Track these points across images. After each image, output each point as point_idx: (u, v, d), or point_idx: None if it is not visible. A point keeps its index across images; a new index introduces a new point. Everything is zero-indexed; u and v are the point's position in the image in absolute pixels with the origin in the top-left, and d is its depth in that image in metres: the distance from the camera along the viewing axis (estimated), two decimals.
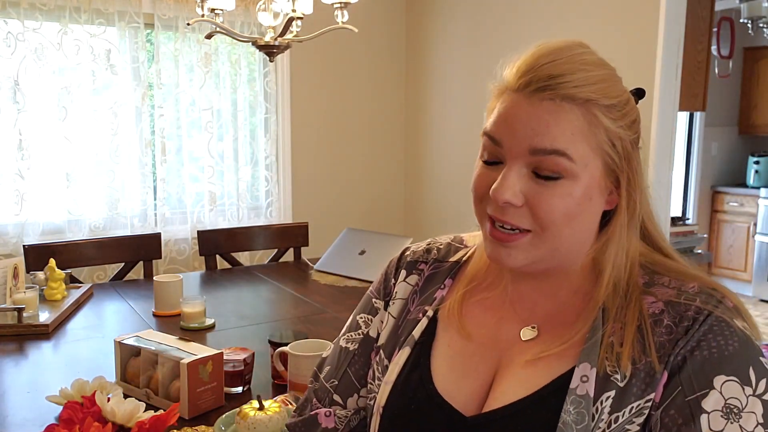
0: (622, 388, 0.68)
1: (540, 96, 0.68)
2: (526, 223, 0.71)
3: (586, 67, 0.70)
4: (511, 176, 0.70)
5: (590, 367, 0.69)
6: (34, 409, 1.35)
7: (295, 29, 2.21)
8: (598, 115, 0.69)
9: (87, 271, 3.04)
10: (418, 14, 3.97)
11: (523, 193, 0.70)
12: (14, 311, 1.83)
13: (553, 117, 0.68)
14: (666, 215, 2.74)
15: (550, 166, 0.68)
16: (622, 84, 0.74)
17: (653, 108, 2.62)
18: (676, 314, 0.69)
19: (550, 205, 0.69)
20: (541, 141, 0.68)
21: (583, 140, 0.69)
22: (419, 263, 0.90)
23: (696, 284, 0.72)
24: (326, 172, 3.90)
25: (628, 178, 0.72)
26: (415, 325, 0.83)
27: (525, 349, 0.76)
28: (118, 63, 3.21)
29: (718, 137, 5.57)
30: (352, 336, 0.91)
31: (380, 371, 0.83)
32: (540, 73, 0.69)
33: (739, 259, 5.33)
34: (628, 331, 0.70)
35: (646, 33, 2.63)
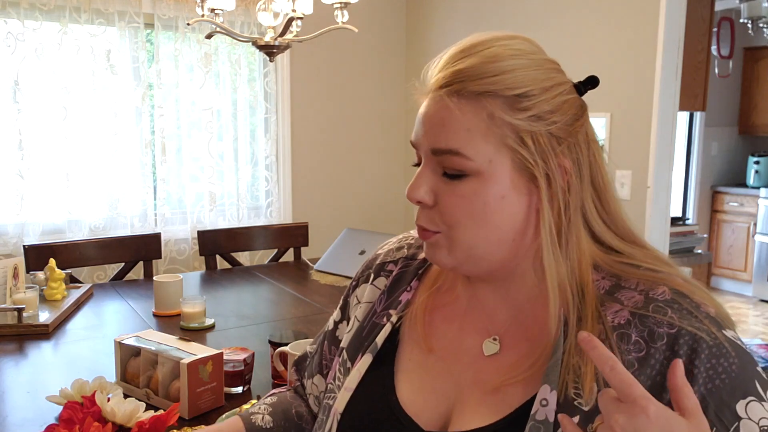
0: (587, 413, 0.63)
1: (440, 94, 0.67)
2: (434, 225, 0.70)
3: (491, 59, 0.66)
4: (422, 176, 0.70)
5: (550, 389, 0.65)
6: (34, 409, 1.35)
7: (295, 29, 2.21)
8: (497, 109, 0.65)
9: (87, 271, 3.04)
10: (418, 14, 3.97)
11: (434, 191, 0.69)
12: (14, 311, 1.83)
13: (449, 114, 0.66)
14: (666, 215, 2.74)
15: (451, 164, 0.67)
16: (547, 73, 0.68)
17: (653, 108, 2.62)
18: (644, 328, 0.65)
19: (454, 203, 0.68)
20: (437, 141, 0.67)
21: (482, 137, 0.66)
22: (388, 264, 0.87)
23: (665, 289, 0.67)
24: (326, 172, 3.90)
25: (548, 176, 0.67)
26: (379, 331, 0.80)
27: (488, 367, 0.73)
28: (118, 63, 3.21)
29: (718, 137, 5.57)
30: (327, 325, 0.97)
31: (341, 373, 0.81)
32: (446, 71, 0.67)
33: (739, 259, 5.33)
34: None
35: (646, 33, 2.63)
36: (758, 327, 4.69)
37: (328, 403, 0.81)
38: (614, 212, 0.72)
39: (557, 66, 0.71)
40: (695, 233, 4.05)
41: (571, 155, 0.68)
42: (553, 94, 0.67)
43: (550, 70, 0.68)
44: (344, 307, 0.92)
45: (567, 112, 0.68)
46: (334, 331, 0.92)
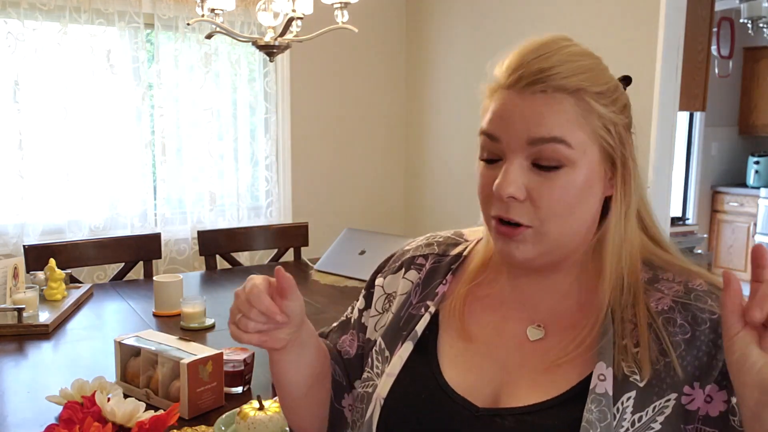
0: (642, 389, 0.68)
1: (532, 89, 0.70)
2: (527, 219, 0.71)
3: (573, 58, 0.71)
4: (513, 170, 0.70)
5: (606, 366, 0.69)
6: (34, 409, 1.35)
7: (295, 29, 2.21)
8: (590, 102, 0.70)
9: (87, 271, 3.04)
10: (418, 14, 3.97)
11: (526, 186, 0.70)
12: (14, 311, 1.83)
13: (547, 107, 0.69)
14: (666, 215, 2.74)
15: (549, 154, 0.69)
16: (609, 72, 0.75)
17: (653, 108, 2.62)
18: (688, 313, 0.70)
19: (552, 195, 0.70)
20: (538, 130, 0.69)
21: (579, 127, 0.70)
22: (417, 258, 0.89)
23: (702, 281, 0.73)
24: (326, 172, 3.90)
25: (623, 163, 0.74)
26: (418, 320, 0.81)
27: (535, 350, 0.75)
28: (118, 63, 3.21)
29: (718, 137, 5.57)
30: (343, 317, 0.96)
31: (380, 361, 0.82)
32: (529, 68, 0.70)
33: (739, 259, 5.34)
34: (642, 331, 0.70)
35: (646, 33, 2.63)
36: None
37: (367, 391, 0.81)
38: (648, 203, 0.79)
39: None
40: (695, 233, 4.06)
41: (631, 147, 0.76)
42: (621, 91, 0.75)
43: (608, 71, 0.75)
44: (368, 297, 0.92)
45: (629, 107, 0.76)
46: (360, 318, 0.91)
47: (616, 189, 0.73)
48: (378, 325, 0.88)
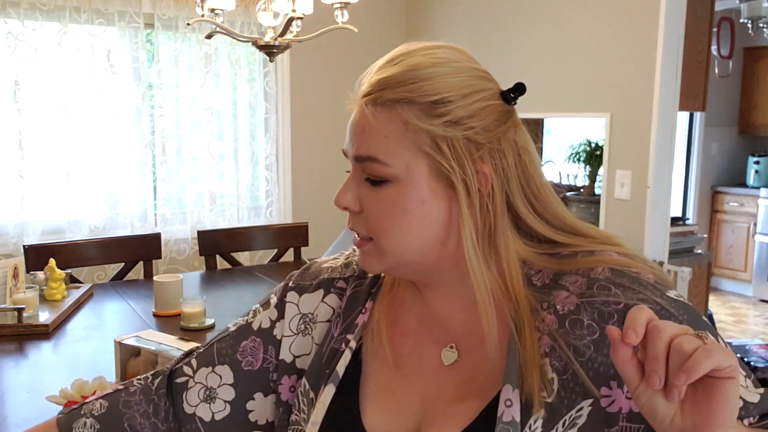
0: (551, 404, 0.65)
1: (364, 103, 0.70)
2: (364, 229, 0.72)
3: (411, 68, 0.68)
4: (350, 183, 0.72)
5: (512, 389, 0.66)
6: (34, 409, 1.35)
7: (295, 29, 2.21)
8: (411, 116, 0.67)
9: (87, 271, 3.04)
10: (418, 14, 3.97)
11: (359, 198, 0.72)
12: (14, 311, 1.83)
13: (368, 122, 0.69)
14: (666, 215, 2.74)
15: (371, 171, 0.69)
16: (471, 79, 0.69)
17: (653, 108, 2.62)
18: (594, 311, 0.66)
19: (377, 209, 0.70)
20: (358, 149, 0.70)
21: (398, 143, 0.68)
22: (337, 281, 0.84)
23: (603, 267, 0.68)
24: (326, 172, 3.90)
25: (465, 182, 0.67)
26: (339, 358, 0.77)
27: (449, 376, 0.73)
28: (118, 63, 3.21)
29: (718, 137, 5.57)
30: (239, 320, 0.87)
31: (305, 404, 0.78)
32: (371, 80, 0.70)
33: (739, 259, 5.34)
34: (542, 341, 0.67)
35: (646, 33, 2.63)
36: (758, 327, 4.69)
37: None
38: (555, 212, 0.73)
39: (484, 74, 0.72)
40: (695, 233, 4.05)
41: (492, 161, 0.69)
42: (471, 100, 0.68)
43: (472, 77, 0.69)
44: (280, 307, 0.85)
45: (486, 117, 0.68)
46: (272, 329, 0.84)
47: (460, 209, 0.68)
48: (294, 348, 0.82)
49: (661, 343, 0.53)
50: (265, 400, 0.82)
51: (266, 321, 0.84)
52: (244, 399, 0.82)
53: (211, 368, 0.83)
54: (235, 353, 0.83)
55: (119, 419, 0.82)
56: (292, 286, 0.86)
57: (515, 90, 0.72)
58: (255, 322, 0.85)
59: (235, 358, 0.83)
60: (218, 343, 0.85)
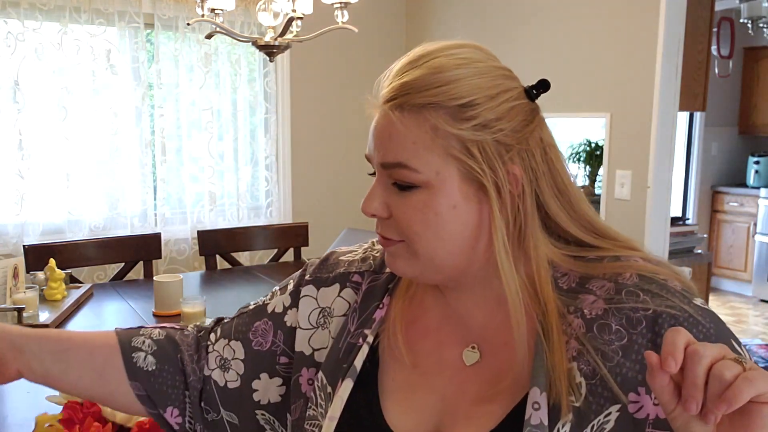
0: (579, 408, 0.64)
1: (389, 108, 0.68)
2: (393, 234, 0.71)
3: (435, 70, 0.67)
4: (376, 189, 0.71)
5: (540, 392, 0.65)
6: (34, 409, 1.35)
7: (295, 29, 2.21)
8: (440, 121, 0.66)
9: (87, 271, 3.04)
10: (418, 14, 3.97)
11: (388, 203, 0.70)
12: (14, 311, 1.83)
13: (395, 128, 0.67)
14: (666, 215, 2.74)
15: (400, 177, 0.68)
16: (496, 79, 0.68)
17: (653, 108, 2.62)
18: (622, 316, 0.66)
19: (407, 215, 0.69)
20: (385, 155, 0.68)
21: (427, 149, 0.66)
22: (353, 275, 0.84)
23: (631, 272, 0.68)
24: (326, 172, 3.90)
25: (497, 184, 0.67)
26: (357, 352, 0.77)
27: (471, 377, 0.72)
28: (118, 63, 3.21)
29: (718, 137, 5.57)
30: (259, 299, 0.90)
31: (323, 399, 0.77)
32: (393, 84, 0.68)
33: (739, 259, 5.34)
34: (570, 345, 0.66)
35: (646, 33, 2.63)
36: (758, 327, 4.69)
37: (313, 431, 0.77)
38: (581, 210, 0.73)
39: (507, 72, 0.71)
40: (695, 233, 4.05)
41: (522, 161, 0.68)
42: (499, 101, 0.67)
43: (496, 77, 0.68)
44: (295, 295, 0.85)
45: (514, 118, 0.68)
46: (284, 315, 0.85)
47: (492, 212, 0.68)
48: (314, 341, 0.82)
49: (701, 368, 0.51)
50: (269, 382, 0.83)
51: (279, 306, 0.86)
52: (251, 376, 0.84)
53: (227, 341, 0.85)
54: (248, 332, 0.85)
55: (174, 350, 0.84)
56: (309, 279, 0.86)
57: (539, 87, 0.71)
58: (270, 304, 0.87)
59: (247, 336, 0.85)
60: (238, 318, 0.88)
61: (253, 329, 0.85)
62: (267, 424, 0.84)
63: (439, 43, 0.70)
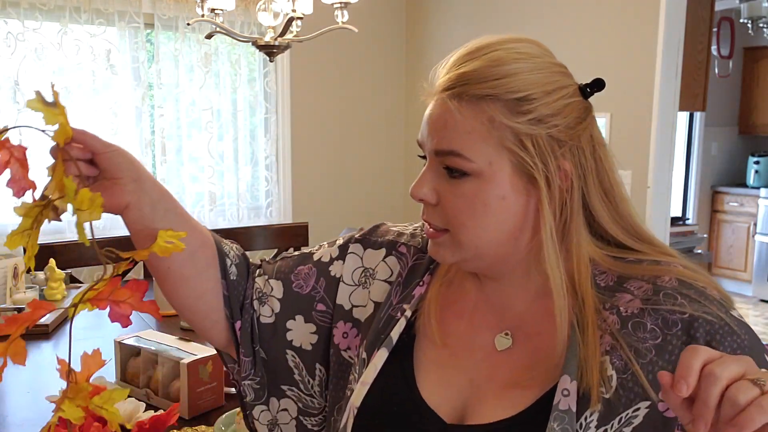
0: (609, 400, 0.66)
1: (443, 96, 0.69)
2: (439, 221, 0.72)
3: (494, 62, 0.68)
4: (426, 175, 0.72)
5: (570, 380, 0.67)
6: (34, 409, 1.35)
7: (295, 29, 2.21)
8: (497, 113, 0.67)
9: (87, 271, 3.04)
10: (418, 14, 3.97)
11: (437, 190, 0.71)
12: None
13: (452, 117, 0.68)
14: (666, 215, 2.74)
15: (452, 165, 0.69)
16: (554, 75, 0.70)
17: (653, 108, 2.62)
18: (658, 317, 0.67)
19: (455, 203, 0.70)
20: (440, 142, 0.69)
21: (482, 139, 0.67)
22: (400, 245, 0.86)
23: (670, 277, 0.69)
24: (326, 172, 3.90)
25: (547, 178, 0.68)
26: (394, 325, 0.79)
27: (502, 361, 0.74)
28: (118, 63, 3.21)
29: (718, 137, 5.57)
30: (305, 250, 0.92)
31: (359, 365, 0.80)
32: (451, 74, 0.70)
33: (739, 259, 5.33)
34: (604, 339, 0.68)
35: (646, 33, 2.63)
36: (758, 327, 4.68)
37: (346, 394, 0.80)
38: (624, 211, 0.74)
39: (563, 69, 0.72)
40: (695, 233, 4.06)
41: (572, 158, 0.70)
42: (555, 97, 0.68)
43: (553, 74, 0.70)
44: (343, 250, 0.88)
45: (569, 115, 0.69)
46: (329, 264, 0.87)
47: (542, 205, 0.69)
48: (353, 298, 0.84)
49: (715, 390, 0.50)
50: (304, 326, 0.85)
51: (326, 256, 0.88)
52: (286, 316, 0.85)
53: (267, 278, 0.87)
54: (290, 273, 0.87)
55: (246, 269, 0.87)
56: (358, 238, 0.89)
57: (593, 86, 0.73)
58: (317, 254, 0.89)
59: (289, 277, 0.86)
60: (281, 260, 0.90)
61: (296, 272, 0.87)
62: (296, 369, 0.85)
63: (497, 36, 0.71)
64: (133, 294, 0.47)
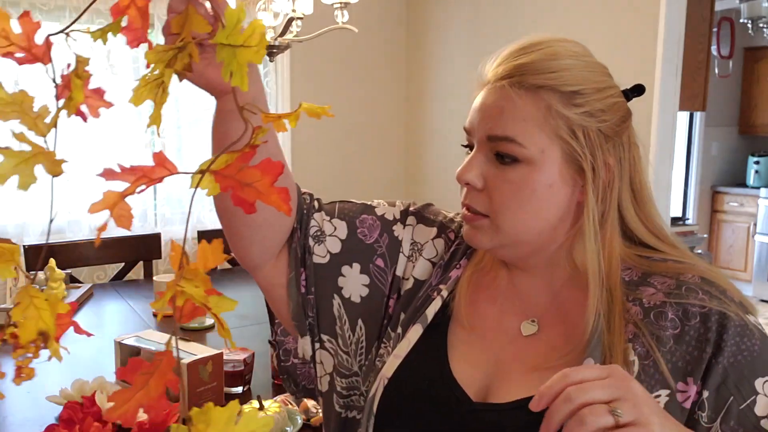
0: None
1: (501, 84, 0.72)
2: (482, 207, 0.73)
3: (551, 57, 0.71)
4: (474, 160, 0.74)
5: (594, 362, 0.70)
6: (34, 409, 1.35)
7: (295, 29, 2.21)
8: (554, 102, 0.70)
9: (87, 271, 3.04)
10: (418, 14, 3.97)
11: (484, 176, 0.73)
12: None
13: (509, 104, 0.71)
14: (666, 215, 2.74)
15: (504, 150, 0.71)
16: (602, 75, 0.74)
17: (653, 108, 2.62)
18: (679, 308, 0.70)
19: (504, 188, 0.72)
20: (494, 128, 0.71)
21: (537, 126, 0.70)
22: (449, 230, 0.87)
23: (693, 274, 0.72)
24: (326, 172, 3.90)
25: (594, 169, 0.71)
26: (430, 303, 0.82)
27: (527, 346, 0.76)
28: (118, 63, 3.21)
29: (718, 137, 5.57)
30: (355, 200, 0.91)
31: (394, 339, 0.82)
32: (508, 64, 0.72)
33: (739, 259, 5.33)
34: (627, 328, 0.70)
35: (646, 33, 2.63)
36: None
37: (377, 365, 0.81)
38: (649, 212, 0.77)
39: (607, 71, 0.76)
40: (695, 233, 4.05)
41: (615, 153, 0.73)
42: (605, 95, 0.73)
43: (602, 74, 0.74)
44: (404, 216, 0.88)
45: (615, 113, 0.73)
46: (393, 224, 0.86)
47: (587, 195, 0.72)
48: (407, 272, 0.85)
49: (564, 408, 0.55)
50: (358, 276, 0.84)
51: (389, 215, 0.88)
52: (343, 259, 0.84)
53: (329, 217, 0.86)
54: (356, 218, 0.86)
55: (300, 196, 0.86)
56: (413, 211, 0.88)
57: (634, 91, 0.79)
58: (379, 209, 0.88)
59: (354, 221, 0.86)
60: (340, 203, 0.88)
61: (360, 218, 0.86)
62: (338, 320, 0.84)
63: (546, 35, 0.74)
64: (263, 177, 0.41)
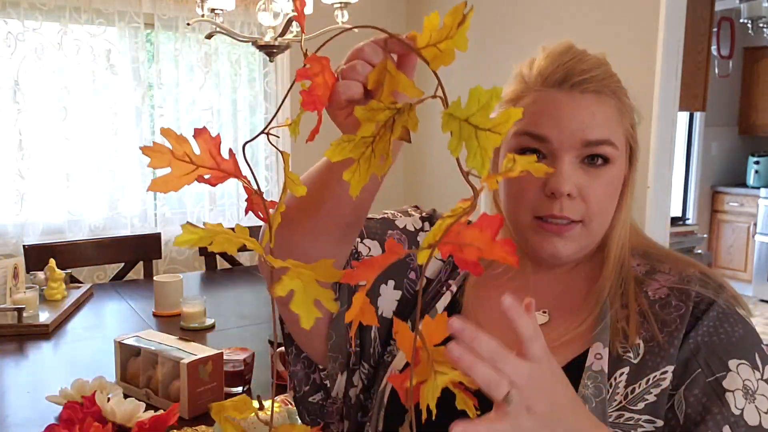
0: (637, 364, 0.70)
1: (580, 89, 0.73)
2: (577, 213, 0.73)
3: (600, 63, 0.76)
4: (567, 169, 0.72)
5: (603, 346, 0.71)
6: (34, 409, 1.35)
7: (295, 29, 2.21)
8: (626, 103, 0.76)
9: (87, 271, 3.04)
10: (418, 15, 3.98)
11: (575, 183, 0.73)
12: (14, 311, 1.83)
13: (598, 108, 0.73)
14: (666, 215, 2.74)
15: (602, 153, 0.73)
16: None
17: (653, 108, 2.62)
18: (681, 294, 0.73)
19: (599, 192, 0.74)
20: (592, 132, 0.72)
21: (619, 127, 0.75)
22: None
23: (695, 270, 0.76)
24: None
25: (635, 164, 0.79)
26: (439, 298, 0.83)
27: None
28: (118, 63, 3.21)
29: (718, 137, 5.57)
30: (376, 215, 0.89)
31: None
32: (570, 69, 0.74)
33: (739, 259, 5.33)
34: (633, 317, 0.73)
35: (646, 33, 2.63)
36: (758, 327, 4.68)
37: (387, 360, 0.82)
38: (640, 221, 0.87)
39: None
40: (695, 233, 4.05)
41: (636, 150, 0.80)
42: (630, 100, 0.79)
43: None
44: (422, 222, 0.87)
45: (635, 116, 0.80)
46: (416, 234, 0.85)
47: (630, 182, 0.78)
48: None
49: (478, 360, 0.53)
50: (392, 292, 0.83)
51: (410, 225, 0.87)
52: (381, 278, 0.83)
53: (360, 239, 0.83)
54: (384, 235, 0.84)
55: None
56: (426, 217, 0.89)
57: None
58: (399, 221, 0.87)
59: (384, 239, 0.84)
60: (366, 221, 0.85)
61: (388, 235, 0.85)
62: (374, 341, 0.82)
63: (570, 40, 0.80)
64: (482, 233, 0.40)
